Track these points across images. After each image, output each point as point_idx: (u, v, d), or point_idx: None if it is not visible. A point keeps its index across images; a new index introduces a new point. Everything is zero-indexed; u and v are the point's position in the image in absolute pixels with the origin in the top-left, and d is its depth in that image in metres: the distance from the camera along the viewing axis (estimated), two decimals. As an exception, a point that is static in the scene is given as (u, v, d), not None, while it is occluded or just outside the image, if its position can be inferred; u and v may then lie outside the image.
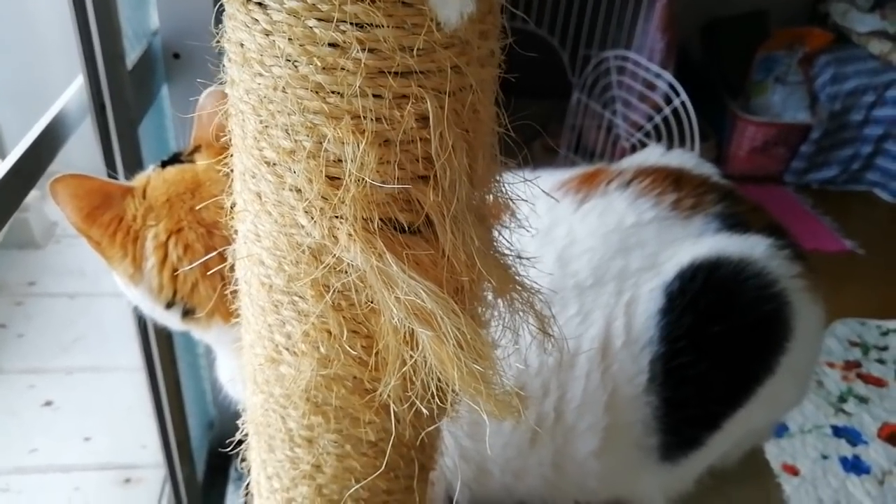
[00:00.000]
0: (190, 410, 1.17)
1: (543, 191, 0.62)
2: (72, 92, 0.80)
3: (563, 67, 2.29)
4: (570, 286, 0.62)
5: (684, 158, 0.77)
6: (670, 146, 1.92)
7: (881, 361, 1.86)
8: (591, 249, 0.64)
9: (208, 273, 0.58)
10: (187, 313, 0.62)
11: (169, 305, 0.62)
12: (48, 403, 1.50)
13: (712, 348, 0.61)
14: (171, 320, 0.64)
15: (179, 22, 0.99)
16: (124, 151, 0.82)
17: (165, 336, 0.99)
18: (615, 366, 0.62)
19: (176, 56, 1.01)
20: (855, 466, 1.59)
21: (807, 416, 1.68)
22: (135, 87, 0.87)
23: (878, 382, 1.79)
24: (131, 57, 0.89)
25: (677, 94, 1.92)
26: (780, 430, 1.65)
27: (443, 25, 0.26)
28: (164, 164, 0.64)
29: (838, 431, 1.67)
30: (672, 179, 0.68)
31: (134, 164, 0.84)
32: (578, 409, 0.62)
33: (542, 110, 2.60)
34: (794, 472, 1.57)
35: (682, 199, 0.67)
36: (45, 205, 1.93)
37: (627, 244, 0.64)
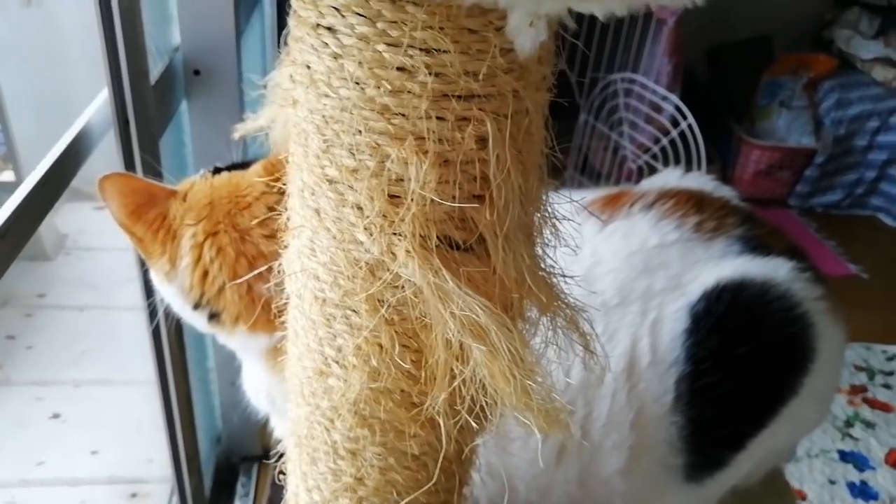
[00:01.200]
0: (199, 425, 1.17)
1: (587, 210, 0.63)
2: (96, 106, 0.81)
3: (570, 89, 2.32)
4: (596, 305, 0.63)
5: (703, 181, 0.78)
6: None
7: (887, 386, 1.86)
8: (616, 270, 0.65)
9: (235, 279, 0.60)
10: (213, 317, 0.63)
11: (196, 306, 0.63)
12: (56, 416, 1.50)
13: (738, 369, 0.62)
14: (199, 322, 0.65)
15: (201, 39, 1.00)
16: (146, 166, 0.84)
17: (178, 350, 1.00)
18: (641, 385, 0.62)
19: (196, 73, 1.03)
20: (862, 492, 1.58)
21: (814, 440, 1.68)
22: (157, 103, 0.88)
23: (885, 407, 1.79)
24: (153, 73, 0.90)
25: (684, 117, 1.94)
26: (787, 454, 1.65)
27: (518, 53, 0.27)
28: (217, 171, 0.66)
29: (845, 456, 1.67)
30: (694, 202, 0.70)
31: (155, 177, 0.85)
32: (604, 428, 0.62)
33: (550, 130, 2.63)
34: (801, 496, 1.56)
35: (705, 221, 0.68)
36: (55, 217, 1.94)
37: (651, 265, 0.65)
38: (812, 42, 2.71)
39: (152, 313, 0.86)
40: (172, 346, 0.97)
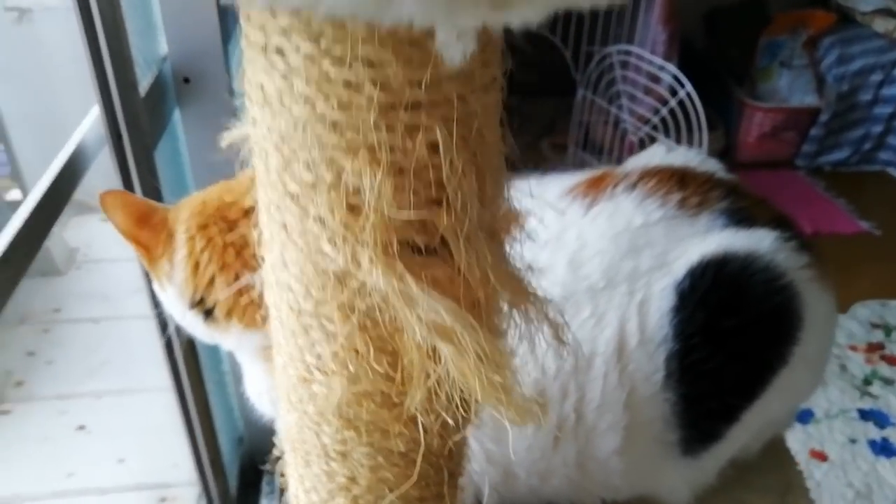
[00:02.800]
0: (220, 427, 1.20)
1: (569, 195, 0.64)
2: (89, 123, 0.83)
3: (566, 65, 2.30)
4: (583, 289, 0.64)
5: (689, 156, 0.78)
6: (678, 138, 1.93)
7: (904, 342, 1.85)
8: (602, 252, 0.66)
9: (224, 268, 0.62)
10: (208, 314, 0.64)
11: (192, 305, 0.65)
12: (81, 427, 1.54)
13: (726, 343, 0.63)
14: (197, 325, 0.66)
15: (188, 47, 1.01)
16: (142, 177, 0.85)
17: (192, 355, 1.02)
18: (631, 365, 0.63)
19: (186, 80, 1.04)
20: (884, 449, 1.58)
21: (832, 400, 1.68)
22: (148, 114, 0.89)
23: (903, 363, 1.79)
24: (143, 84, 0.91)
25: (682, 86, 1.92)
26: (806, 416, 1.64)
27: (448, 65, 0.28)
28: None
29: (865, 415, 1.66)
30: (677, 178, 0.70)
31: (152, 190, 0.87)
32: (598, 410, 0.63)
33: (548, 109, 2.62)
34: (822, 457, 1.57)
35: (688, 197, 0.68)
36: (64, 232, 1.98)
37: (637, 245, 0.66)
38: (808, -2, 2.67)
39: (163, 322, 0.88)
40: (185, 353, 0.99)
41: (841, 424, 1.65)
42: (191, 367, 1.01)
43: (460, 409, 0.39)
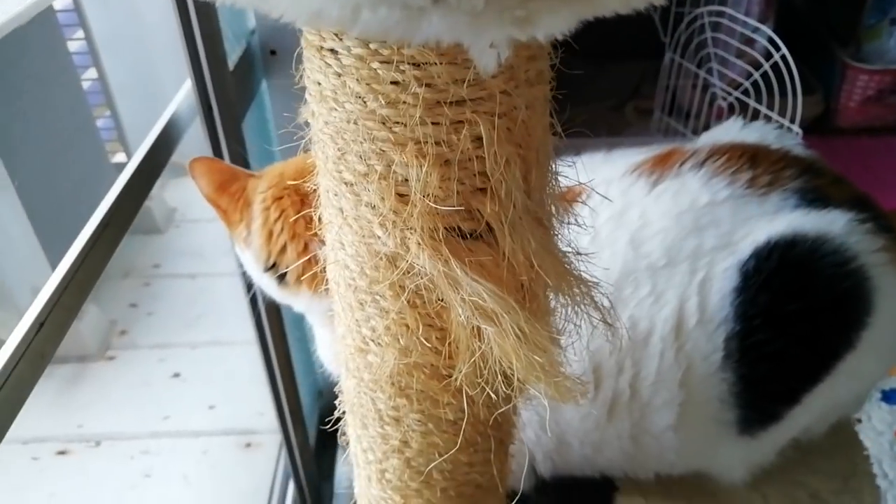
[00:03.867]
0: (300, 381, 1.27)
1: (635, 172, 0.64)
2: (182, 94, 0.89)
3: (654, 27, 2.22)
4: (643, 267, 0.64)
5: (765, 131, 0.76)
6: (770, 103, 1.84)
7: None
8: (664, 230, 0.65)
9: (294, 237, 0.66)
10: (281, 279, 0.69)
11: (266, 269, 0.69)
12: (177, 375, 1.66)
13: (789, 326, 0.62)
14: (271, 287, 0.71)
15: (275, 20, 1.05)
16: (230, 146, 0.91)
17: (275, 312, 1.08)
18: (689, 344, 0.63)
19: (273, 53, 1.08)
20: None
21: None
22: (237, 86, 0.94)
23: None
24: (232, 57, 0.96)
25: (777, 49, 1.82)
26: (894, 397, 1.56)
27: (482, 73, 0.29)
28: None
29: None
30: (748, 156, 0.68)
31: (239, 157, 0.92)
32: (653, 386, 0.64)
33: (634, 72, 2.54)
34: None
35: (759, 176, 0.67)
36: (164, 193, 2.10)
37: (701, 224, 0.65)
38: (928, -51, 2.45)
39: (248, 281, 0.94)
40: (269, 310, 1.05)
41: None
42: (274, 323, 1.08)
43: (504, 384, 0.41)
